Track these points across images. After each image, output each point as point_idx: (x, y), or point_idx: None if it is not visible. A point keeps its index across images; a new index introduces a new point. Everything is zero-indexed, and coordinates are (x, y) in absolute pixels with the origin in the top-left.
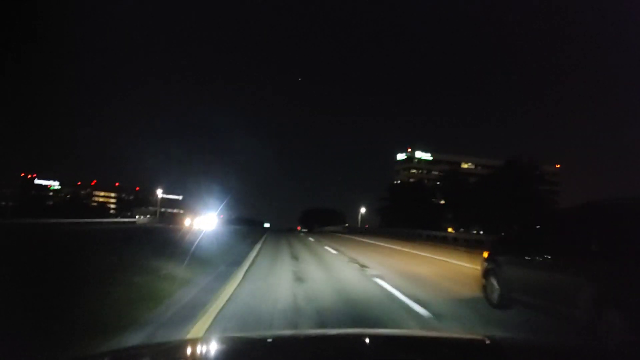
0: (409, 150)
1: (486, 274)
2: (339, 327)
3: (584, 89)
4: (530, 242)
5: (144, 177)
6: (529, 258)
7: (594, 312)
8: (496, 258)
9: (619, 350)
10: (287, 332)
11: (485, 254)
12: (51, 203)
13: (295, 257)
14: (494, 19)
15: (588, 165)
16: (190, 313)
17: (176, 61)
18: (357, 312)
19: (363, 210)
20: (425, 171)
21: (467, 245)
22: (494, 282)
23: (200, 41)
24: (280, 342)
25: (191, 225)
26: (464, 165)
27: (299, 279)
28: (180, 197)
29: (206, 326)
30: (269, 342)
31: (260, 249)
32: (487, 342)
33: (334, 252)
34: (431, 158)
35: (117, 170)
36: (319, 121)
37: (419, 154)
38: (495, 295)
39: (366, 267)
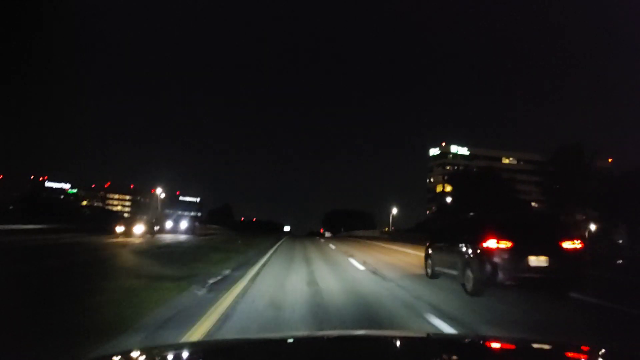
0: (443, 144)
1: (425, 257)
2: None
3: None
4: (442, 236)
5: (160, 179)
6: (441, 245)
7: (462, 270)
8: (430, 245)
9: (473, 290)
10: (290, 334)
11: (427, 244)
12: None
13: None
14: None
15: None
16: None
17: (192, 63)
18: None
19: (395, 211)
20: (461, 167)
21: None
22: (429, 261)
23: (220, 45)
24: (282, 345)
25: (127, 233)
26: (505, 161)
27: None
28: (197, 200)
29: None
30: (271, 345)
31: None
32: (489, 341)
33: None
34: (468, 153)
35: (133, 171)
36: (344, 119)
37: (454, 149)
38: (429, 271)
39: None
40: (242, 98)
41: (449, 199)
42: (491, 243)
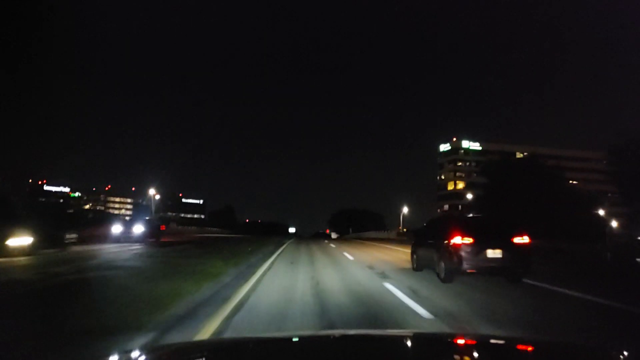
0: (454, 140)
1: (412, 252)
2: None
3: None
4: (423, 234)
5: (163, 181)
6: (423, 243)
7: (437, 262)
8: (415, 242)
9: (445, 278)
10: (294, 333)
11: (413, 242)
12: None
13: None
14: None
15: None
16: None
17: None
18: None
19: (405, 210)
20: (473, 163)
21: None
22: (415, 256)
23: (226, 45)
24: (287, 344)
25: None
26: (519, 156)
27: None
28: (200, 202)
29: None
30: (277, 343)
31: None
32: (490, 341)
33: None
34: (480, 148)
35: (134, 174)
36: (350, 117)
37: (465, 144)
38: (415, 265)
39: None
40: (247, 98)
41: (469, 196)
42: (457, 239)
